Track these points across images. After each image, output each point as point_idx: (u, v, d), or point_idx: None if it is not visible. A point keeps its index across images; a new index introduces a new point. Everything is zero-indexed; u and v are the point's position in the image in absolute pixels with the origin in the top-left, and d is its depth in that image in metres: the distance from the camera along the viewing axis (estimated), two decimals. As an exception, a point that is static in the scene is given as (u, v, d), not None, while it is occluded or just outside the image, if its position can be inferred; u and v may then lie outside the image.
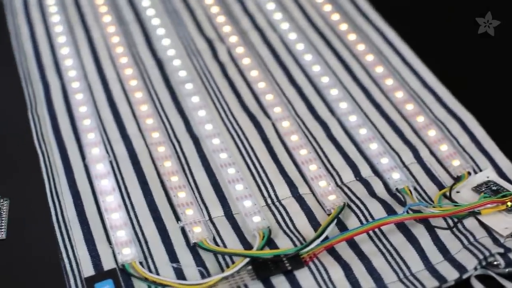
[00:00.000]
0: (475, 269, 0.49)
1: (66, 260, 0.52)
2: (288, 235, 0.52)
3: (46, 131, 0.59)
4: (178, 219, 0.53)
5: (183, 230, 0.53)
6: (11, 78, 0.64)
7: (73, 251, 0.52)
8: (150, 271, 0.50)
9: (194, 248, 0.52)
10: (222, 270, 0.50)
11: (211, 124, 0.59)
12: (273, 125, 0.59)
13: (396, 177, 0.55)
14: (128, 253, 0.51)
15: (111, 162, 0.57)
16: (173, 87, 0.62)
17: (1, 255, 0.53)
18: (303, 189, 0.55)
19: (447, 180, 0.55)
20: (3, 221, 0.54)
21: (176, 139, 0.58)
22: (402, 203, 0.53)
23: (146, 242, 0.52)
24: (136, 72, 0.63)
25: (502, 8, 0.68)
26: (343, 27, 0.67)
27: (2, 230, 0.54)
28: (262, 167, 0.57)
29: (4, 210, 0.55)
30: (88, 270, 0.51)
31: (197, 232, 0.53)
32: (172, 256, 0.51)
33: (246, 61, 0.64)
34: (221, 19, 0.68)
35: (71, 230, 0.53)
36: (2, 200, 0.55)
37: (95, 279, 0.51)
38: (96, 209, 0.54)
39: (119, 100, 0.61)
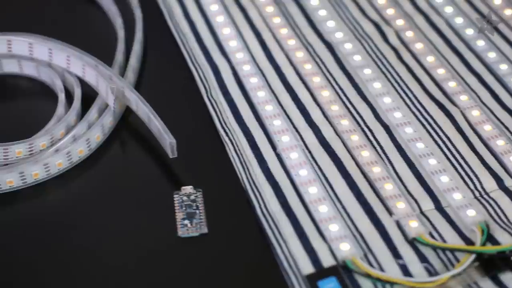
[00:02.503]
0: None
1: (282, 257, 0.49)
2: (505, 230, 0.50)
3: (227, 117, 0.56)
4: (389, 212, 0.52)
5: (397, 224, 0.51)
6: (177, 60, 0.61)
7: (286, 246, 0.50)
8: (372, 267, 0.49)
9: (412, 243, 0.50)
10: (445, 266, 0.49)
11: (400, 112, 0.56)
12: (462, 113, 0.57)
13: None
14: (347, 249, 0.49)
15: (303, 151, 0.55)
16: (350, 72, 0.60)
17: (205, 250, 0.50)
18: (508, 181, 0.53)
19: None
20: (201, 214, 0.52)
21: (368, 127, 0.56)
22: None
23: (362, 237, 0.50)
24: (307, 56, 0.60)
25: None
26: (508, 12, 0.63)
27: (202, 223, 0.51)
28: (463, 158, 0.54)
29: (200, 203, 0.52)
30: (307, 267, 0.48)
31: (414, 226, 0.50)
32: (394, 252, 0.49)
33: (418, 46, 0.61)
34: (382, 1, 0.65)
35: (279, 224, 0.51)
36: (195, 191, 0.53)
37: (317, 277, 0.48)
38: (299, 201, 0.52)
39: (296, 86, 0.58)
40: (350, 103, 0.58)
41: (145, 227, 0.51)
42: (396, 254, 0.49)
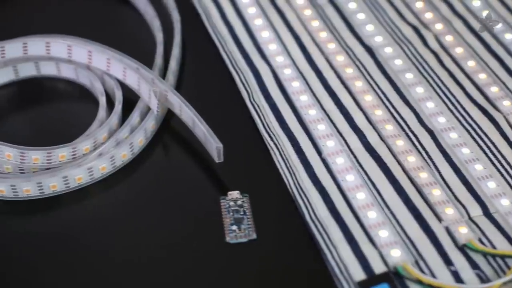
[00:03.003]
0: None
1: (333, 263, 0.48)
2: (554, 237, 0.51)
3: (270, 122, 0.56)
4: (438, 218, 0.51)
5: (447, 230, 0.50)
6: (216, 62, 0.60)
7: (336, 252, 0.49)
8: (423, 273, 0.48)
9: (463, 249, 0.49)
10: (496, 273, 0.48)
11: (444, 117, 0.56)
12: (505, 119, 0.57)
13: None
14: (398, 255, 0.48)
15: (349, 156, 0.55)
16: (391, 76, 0.59)
17: (255, 256, 0.49)
18: (555, 189, 0.54)
19: None
20: (249, 220, 0.51)
21: (412, 132, 0.55)
22: None
23: (412, 243, 0.49)
24: (347, 60, 0.60)
25: None
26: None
27: (251, 229, 0.51)
28: (508, 163, 0.53)
29: (247, 208, 0.52)
30: (358, 273, 0.47)
31: (464, 232, 0.50)
32: (444, 258, 0.48)
33: (458, 50, 0.61)
34: (419, 4, 0.65)
35: (328, 229, 0.50)
36: (242, 196, 0.52)
37: (369, 283, 0.47)
38: (347, 206, 0.51)
39: (338, 90, 0.58)
40: (393, 107, 0.57)
41: (191, 233, 0.51)
42: (447, 261, 0.49)
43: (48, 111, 0.58)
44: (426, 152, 0.54)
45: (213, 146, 0.53)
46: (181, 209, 0.52)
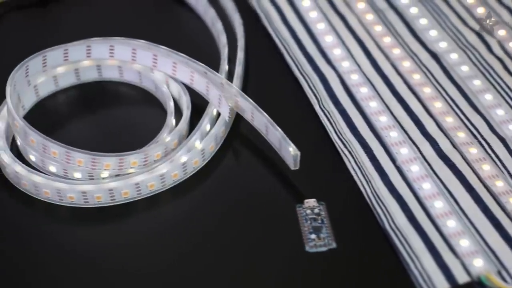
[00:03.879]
0: None
1: (416, 272, 0.48)
2: None
3: (341, 128, 0.55)
4: (517, 227, 0.52)
5: (528, 239, 0.51)
6: (280, 67, 0.59)
7: (418, 262, 0.48)
8: (506, 283, 0.47)
9: (545, 259, 0.50)
10: None
11: (515, 125, 0.57)
12: None
13: None
14: (480, 265, 0.48)
15: (423, 164, 0.53)
16: (458, 83, 0.58)
17: (335, 265, 0.48)
18: None
19: None
20: (327, 228, 0.50)
21: (485, 140, 0.54)
22: None
23: (493, 252, 0.48)
24: (414, 66, 0.59)
25: None
26: None
27: (330, 237, 0.50)
28: None
29: (325, 216, 0.51)
30: (442, 283, 0.47)
31: (546, 241, 0.51)
32: (528, 268, 0.50)
33: (524, 57, 0.62)
34: (480, 10, 0.64)
35: (408, 238, 0.49)
36: (319, 204, 0.51)
37: (453, 293, 0.49)
38: (426, 215, 0.50)
39: (406, 96, 0.57)
40: (464, 114, 0.57)
41: (269, 242, 0.50)
42: (530, 270, 0.50)
43: (111, 116, 0.57)
44: (500, 160, 0.54)
45: (289, 153, 0.52)
46: (256, 217, 0.51)
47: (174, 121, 0.55)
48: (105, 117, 0.57)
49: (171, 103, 0.56)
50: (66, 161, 0.51)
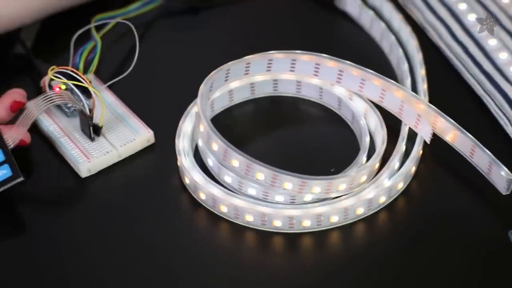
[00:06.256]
0: None
1: None
2: None
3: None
4: None
5: None
6: (458, 83, 0.57)
7: None
8: None
9: None
10: None
11: None
12: None
13: None
14: None
15: None
16: None
17: None
18: None
19: None
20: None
21: None
22: None
23: None
24: None
25: None
26: None
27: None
28: None
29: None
30: None
31: None
32: None
33: None
34: None
35: None
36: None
37: None
38: None
39: None
40: None
41: (480, 274, 0.47)
42: None
43: (293, 133, 0.54)
44: None
45: (501, 177, 0.50)
46: (463, 247, 0.48)
47: (368, 140, 0.52)
48: (284, 133, 0.54)
49: (367, 139, 0.52)
50: (271, 183, 0.48)
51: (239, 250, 0.49)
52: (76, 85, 0.53)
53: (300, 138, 0.54)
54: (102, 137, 0.54)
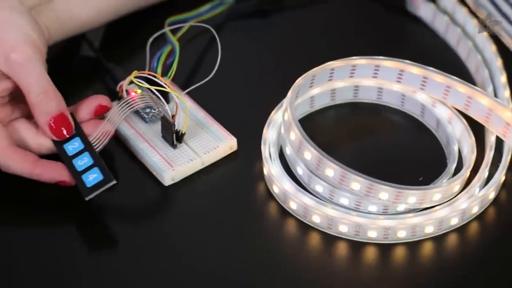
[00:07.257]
0: None
1: None
2: None
3: None
4: None
5: None
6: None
7: None
8: None
9: None
10: None
11: None
12: None
13: None
14: None
15: None
16: None
17: None
18: None
19: None
20: None
21: None
22: None
23: None
24: None
25: None
26: None
27: None
28: None
29: None
30: None
31: None
32: None
33: None
34: None
35: None
36: None
37: None
38: None
39: None
40: None
41: None
42: None
43: (375, 140, 0.53)
44: None
45: None
46: None
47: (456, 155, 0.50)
48: (368, 141, 0.53)
49: (455, 147, 0.51)
50: (366, 193, 0.47)
51: (331, 261, 0.48)
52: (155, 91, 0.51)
53: (383, 145, 0.53)
54: (184, 144, 0.52)
